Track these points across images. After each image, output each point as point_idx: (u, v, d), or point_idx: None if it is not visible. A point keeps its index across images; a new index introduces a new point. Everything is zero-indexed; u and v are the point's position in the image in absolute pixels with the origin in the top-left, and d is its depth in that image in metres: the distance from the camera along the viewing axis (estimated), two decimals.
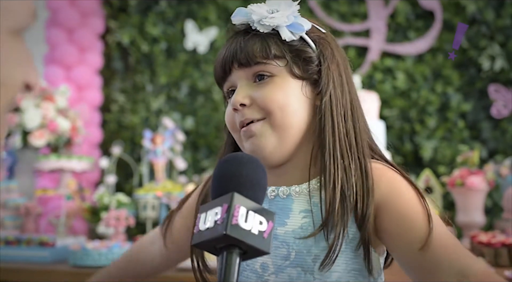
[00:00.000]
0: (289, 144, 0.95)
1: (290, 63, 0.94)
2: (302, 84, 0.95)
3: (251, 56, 0.94)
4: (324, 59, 0.95)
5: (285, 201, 0.96)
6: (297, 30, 0.94)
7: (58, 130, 3.30)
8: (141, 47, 4.12)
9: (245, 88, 0.95)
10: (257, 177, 0.75)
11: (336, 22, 3.77)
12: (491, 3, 3.51)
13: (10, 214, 3.04)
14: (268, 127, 0.93)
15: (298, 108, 0.94)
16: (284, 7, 0.94)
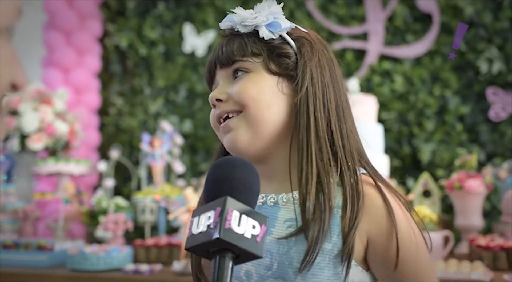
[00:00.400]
0: (264, 138, 0.95)
1: (266, 60, 0.96)
2: (278, 80, 0.96)
3: (230, 55, 0.97)
4: (301, 56, 0.96)
5: (272, 209, 0.96)
6: (276, 28, 0.95)
7: (56, 134, 3.29)
8: (139, 50, 4.11)
9: (223, 85, 0.98)
10: (250, 181, 0.76)
11: (334, 25, 3.77)
12: (489, 6, 3.51)
13: (8, 218, 3.04)
14: (243, 122, 0.94)
15: (273, 103, 0.95)
16: (265, 8, 0.96)
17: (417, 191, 2.90)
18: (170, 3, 4.13)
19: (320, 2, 3.81)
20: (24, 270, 2.50)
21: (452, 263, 2.15)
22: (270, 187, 0.98)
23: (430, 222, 2.40)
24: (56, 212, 3.15)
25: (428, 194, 2.90)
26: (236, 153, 0.97)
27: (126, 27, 4.16)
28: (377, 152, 2.83)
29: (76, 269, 2.43)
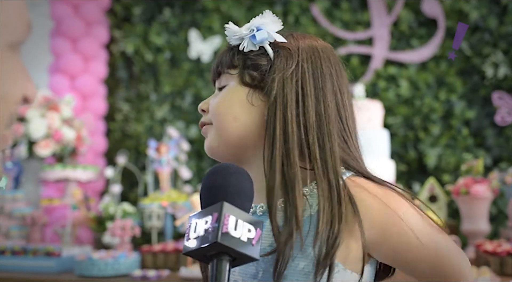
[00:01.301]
0: (230, 146, 0.99)
1: (241, 71, 0.99)
2: (249, 92, 0.98)
3: (218, 67, 1.03)
4: (272, 66, 0.97)
5: (260, 218, 0.96)
6: (254, 40, 0.98)
7: (63, 140, 3.31)
8: (145, 56, 4.14)
9: (212, 97, 1.04)
10: (244, 187, 0.79)
11: (339, 30, 3.78)
12: (494, 10, 3.52)
13: (16, 223, 3.06)
14: (213, 131, 1.01)
15: (240, 115, 0.98)
16: (256, 20, 0.98)
17: (423, 196, 2.90)
18: (175, 9, 4.15)
19: (325, 8, 3.83)
20: (32, 276, 2.52)
21: None
22: (260, 195, 0.97)
23: None
24: (63, 218, 3.17)
25: (434, 199, 2.90)
26: (209, 154, 1.04)
27: (132, 34, 4.18)
28: (383, 157, 2.84)
29: (84, 275, 2.44)
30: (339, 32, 3.78)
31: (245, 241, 0.73)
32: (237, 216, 0.73)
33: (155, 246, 2.70)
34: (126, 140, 4.14)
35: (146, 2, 4.22)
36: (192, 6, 4.11)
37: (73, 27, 3.94)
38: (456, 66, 3.57)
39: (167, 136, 3.42)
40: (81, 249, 2.85)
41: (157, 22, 4.16)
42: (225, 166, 0.82)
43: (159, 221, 3.11)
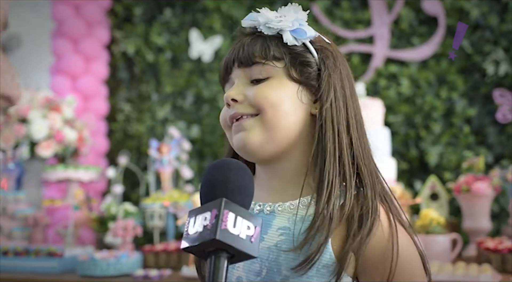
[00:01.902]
0: (276, 144, 0.94)
1: (288, 65, 0.95)
2: (298, 89, 0.95)
3: (250, 56, 0.95)
4: (325, 67, 0.95)
5: (267, 217, 0.95)
6: (300, 35, 0.95)
7: (65, 141, 3.32)
8: (146, 56, 4.14)
9: (240, 86, 0.96)
10: (244, 183, 0.78)
11: (340, 29, 3.78)
12: (495, 8, 3.51)
13: (18, 224, 3.07)
14: (259, 124, 0.93)
15: (291, 111, 0.93)
16: (292, 14, 0.96)
17: (425, 194, 2.90)
18: (176, 9, 4.16)
19: (326, 7, 3.83)
20: (35, 277, 2.52)
21: (460, 266, 2.16)
22: (269, 194, 0.98)
23: (437, 225, 2.40)
24: (65, 218, 3.18)
25: (435, 197, 2.90)
26: (243, 152, 0.96)
27: (133, 34, 4.19)
28: (384, 155, 2.84)
29: (86, 275, 2.45)
30: (339, 31, 3.78)
31: (244, 238, 0.72)
32: (237, 213, 0.73)
33: (157, 246, 2.70)
34: (127, 140, 4.15)
35: (146, 3, 4.22)
36: (192, 6, 4.12)
37: (74, 27, 3.94)
38: (457, 64, 3.57)
39: (168, 136, 3.43)
40: (83, 249, 2.86)
41: (158, 22, 4.17)
42: (226, 161, 0.81)
43: (161, 220, 3.11)
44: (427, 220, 2.41)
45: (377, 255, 0.89)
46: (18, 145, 3.29)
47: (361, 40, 3.77)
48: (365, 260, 0.89)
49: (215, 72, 3.98)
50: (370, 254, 0.89)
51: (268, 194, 0.98)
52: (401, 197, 2.48)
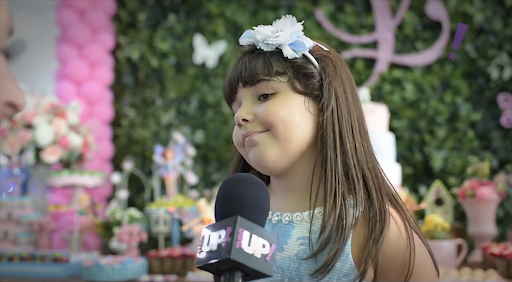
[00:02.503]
0: (291, 156, 0.96)
1: (292, 79, 0.96)
2: (305, 100, 0.97)
3: (254, 74, 0.96)
4: (326, 76, 0.97)
5: (286, 227, 0.97)
6: (299, 48, 0.96)
7: (70, 146, 3.33)
8: (151, 62, 4.16)
9: (249, 105, 0.97)
10: (259, 199, 0.77)
11: (344, 34, 3.79)
12: (499, 13, 3.51)
13: (23, 230, 3.07)
14: (270, 138, 0.95)
15: (301, 123, 0.95)
16: (288, 27, 0.96)
17: (429, 199, 2.90)
18: (180, 15, 4.17)
19: (330, 12, 3.83)
20: None
21: (465, 271, 2.15)
22: (286, 204, 0.99)
23: (442, 230, 2.39)
24: (71, 223, 3.18)
25: (440, 202, 2.89)
26: (261, 168, 0.98)
27: (138, 39, 4.20)
28: (389, 160, 2.84)
29: (92, 280, 2.45)
30: (343, 36, 3.79)
31: (259, 257, 0.71)
32: (252, 231, 0.72)
33: (162, 251, 2.71)
34: (132, 146, 4.16)
35: (151, 8, 4.24)
36: (196, 11, 4.13)
37: (79, 33, 3.96)
38: (461, 69, 3.57)
39: (173, 141, 3.44)
40: (88, 254, 2.87)
41: (162, 27, 4.18)
42: (241, 176, 0.80)
43: (165, 226, 3.12)
44: (432, 225, 2.40)
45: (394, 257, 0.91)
46: (23, 151, 3.30)
47: (365, 45, 3.78)
48: (383, 262, 0.90)
49: (219, 77, 3.99)
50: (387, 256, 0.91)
51: (285, 203, 1.00)
52: (405, 202, 2.47)
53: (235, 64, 1.01)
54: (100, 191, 3.82)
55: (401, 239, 0.91)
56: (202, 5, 4.09)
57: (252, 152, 0.97)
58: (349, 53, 3.74)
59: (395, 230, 0.92)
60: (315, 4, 3.87)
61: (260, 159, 0.96)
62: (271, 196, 1.02)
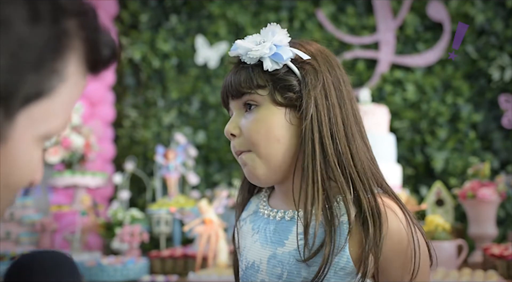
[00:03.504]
0: (279, 170, 0.99)
1: (271, 92, 0.98)
2: (286, 112, 0.98)
3: (238, 88, 0.99)
4: (305, 84, 0.98)
5: (288, 223, 1.01)
6: (278, 59, 0.97)
7: (72, 147, 3.34)
8: (152, 63, 4.17)
9: (236, 117, 1.02)
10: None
11: (345, 35, 3.79)
12: (500, 14, 3.52)
13: (25, 230, 3.09)
14: (255, 157, 0.99)
15: (283, 136, 0.98)
16: (269, 37, 0.98)
17: (430, 200, 2.91)
18: (182, 16, 4.18)
19: (331, 13, 3.84)
20: None
21: (466, 272, 2.16)
22: (288, 202, 1.02)
23: (443, 231, 2.40)
24: (72, 224, 3.20)
25: (441, 203, 2.90)
26: (255, 183, 1.04)
27: (139, 40, 4.21)
28: (390, 161, 2.85)
29: (93, 280, 2.46)
30: (345, 37, 3.79)
31: None
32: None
33: (164, 252, 2.72)
34: (134, 146, 4.17)
35: (153, 9, 4.25)
36: (198, 12, 4.14)
37: None
38: (463, 70, 3.57)
39: (174, 142, 3.45)
40: (90, 255, 2.88)
41: (164, 29, 4.19)
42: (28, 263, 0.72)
43: (167, 226, 3.13)
44: (432, 226, 2.41)
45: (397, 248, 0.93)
46: None
47: (366, 46, 3.79)
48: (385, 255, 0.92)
49: (221, 78, 4.00)
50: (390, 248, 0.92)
51: (287, 202, 1.03)
52: (406, 203, 2.48)
53: (226, 76, 1.05)
54: (102, 191, 3.83)
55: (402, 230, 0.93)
56: (204, 6, 4.10)
57: (244, 170, 1.02)
58: (351, 54, 3.75)
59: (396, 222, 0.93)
60: (317, 5, 3.88)
61: (251, 177, 1.02)
62: (275, 196, 1.09)
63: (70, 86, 0.58)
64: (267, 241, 1.02)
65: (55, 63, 0.55)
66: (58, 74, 0.56)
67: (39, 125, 0.56)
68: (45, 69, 0.54)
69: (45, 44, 0.54)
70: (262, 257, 1.02)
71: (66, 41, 0.56)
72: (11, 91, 0.52)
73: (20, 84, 0.53)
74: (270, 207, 1.06)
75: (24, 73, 0.53)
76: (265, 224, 1.05)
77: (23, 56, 0.52)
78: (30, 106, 0.54)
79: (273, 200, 1.09)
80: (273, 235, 1.02)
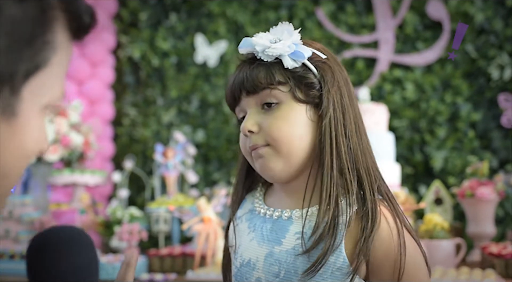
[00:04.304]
0: (295, 167, 1.00)
1: (293, 88, 0.99)
2: (306, 108, 1.00)
3: (257, 84, 0.99)
4: (325, 84, 0.99)
5: (285, 222, 1.02)
6: (299, 57, 0.98)
7: (71, 145, 3.34)
8: (152, 61, 4.16)
9: (253, 115, 1.00)
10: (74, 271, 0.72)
11: (344, 34, 3.79)
12: (499, 13, 3.52)
13: (24, 228, 3.09)
14: (273, 152, 0.99)
15: (304, 134, 0.99)
16: (286, 36, 0.98)
17: (429, 199, 2.91)
18: (182, 14, 4.18)
19: (330, 11, 3.84)
20: None
21: (464, 271, 2.16)
22: (287, 202, 1.04)
23: (441, 229, 2.40)
24: (71, 222, 3.20)
25: (439, 202, 2.90)
26: (267, 178, 1.03)
27: (139, 39, 4.21)
28: (388, 160, 2.85)
29: None
30: (344, 35, 3.79)
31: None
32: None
33: (162, 250, 2.72)
34: (133, 145, 4.17)
35: (152, 7, 4.24)
36: (198, 11, 4.14)
37: None
38: (462, 69, 3.57)
39: (173, 140, 3.45)
40: None
41: (164, 27, 4.19)
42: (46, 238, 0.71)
43: (166, 225, 3.13)
44: (431, 225, 2.41)
45: (386, 256, 0.94)
46: None
47: (366, 44, 3.78)
48: (374, 260, 0.94)
49: (221, 77, 4.00)
50: (379, 255, 0.94)
51: (286, 201, 1.05)
52: (405, 201, 2.48)
53: (236, 73, 1.04)
54: (101, 189, 3.83)
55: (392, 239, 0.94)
56: (203, 5, 4.10)
57: (258, 163, 1.01)
58: (350, 53, 3.75)
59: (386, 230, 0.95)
60: (316, 4, 3.88)
61: (266, 171, 1.01)
62: (272, 194, 1.09)
63: (61, 56, 0.62)
64: (264, 240, 1.03)
65: (46, 36, 0.59)
66: (50, 45, 0.60)
67: (41, 96, 0.61)
68: (38, 43, 0.58)
69: (35, 19, 0.58)
70: (258, 255, 1.02)
71: (52, 13, 0.60)
72: (13, 69, 0.56)
73: (20, 61, 0.57)
74: (266, 206, 1.07)
75: (21, 50, 0.57)
76: (262, 223, 1.05)
77: (17, 34, 0.56)
78: (30, 80, 0.58)
79: (269, 199, 1.09)
80: (270, 233, 1.02)
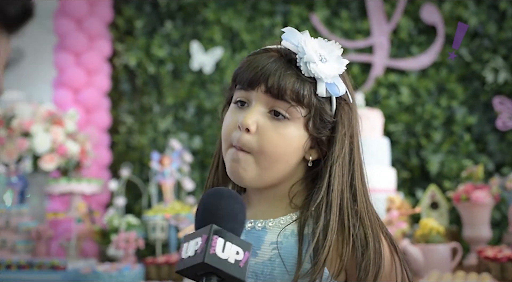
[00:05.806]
0: (267, 181, 0.98)
1: (310, 117, 0.95)
2: (307, 140, 0.96)
3: (282, 91, 0.93)
4: (342, 126, 0.96)
5: (259, 233, 0.99)
6: (333, 91, 0.95)
7: (67, 154, 3.34)
8: (148, 69, 4.17)
9: (257, 114, 0.95)
10: (235, 211, 0.82)
11: (339, 39, 3.80)
12: (493, 16, 3.53)
13: (22, 238, 3.09)
14: (255, 163, 0.95)
15: (291, 156, 0.96)
16: (334, 61, 0.96)
17: (425, 203, 2.91)
18: (177, 21, 4.19)
19: (325, 17, 3.85)
20: None
21: (459, 275, 2.16)
22: (260, 212, 1.01)
23: (437, 234, 2.40)
24: (68, 231, 3.20)
25: (435, 206, 2.90)
26: (235, 181, 0.99)
27: (135, 47, 4.22)
28: (384, 165, 2.85)
29: None
30: (339, 41, 3.75)
31: (233, 262, 0.76)
32: (226, 238, 0.77)
33: (159, 258, 2.72)
34: (130, 152, 4.17)
35: (148, 15, 4.26)
36: (193, 18, 4.15)
37: (76, 41, 3.98)
38: (457, 73, 3.58)
39: (169, 148, 3.45)
40: (86, 262, 2.88)
41: (159, 34, 4.20)
42: (219, 190, 0.86)
43: (163, 233, 3.13)
44: (427, 229, 2.41)
45: None
46: (21, 159, 3.32)
47: (361, 50, 3.80)
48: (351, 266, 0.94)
49: (217, 84, 4.00)
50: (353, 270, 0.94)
51: (258, 212, 1.01)
52: (400, 206, 2.49)
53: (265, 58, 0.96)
54: (98, 198, 3.83)
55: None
56: (199, 12, 4.11)
57: (231, 165, 0.97)
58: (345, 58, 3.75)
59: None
60: (311, 10, 3.89)
61: (235, 176, 0.97)
62: None
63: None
64: None
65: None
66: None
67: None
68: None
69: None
70: None
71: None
72: None
73: None
74: None
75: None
76: None
77: None
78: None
79: None
80: None
